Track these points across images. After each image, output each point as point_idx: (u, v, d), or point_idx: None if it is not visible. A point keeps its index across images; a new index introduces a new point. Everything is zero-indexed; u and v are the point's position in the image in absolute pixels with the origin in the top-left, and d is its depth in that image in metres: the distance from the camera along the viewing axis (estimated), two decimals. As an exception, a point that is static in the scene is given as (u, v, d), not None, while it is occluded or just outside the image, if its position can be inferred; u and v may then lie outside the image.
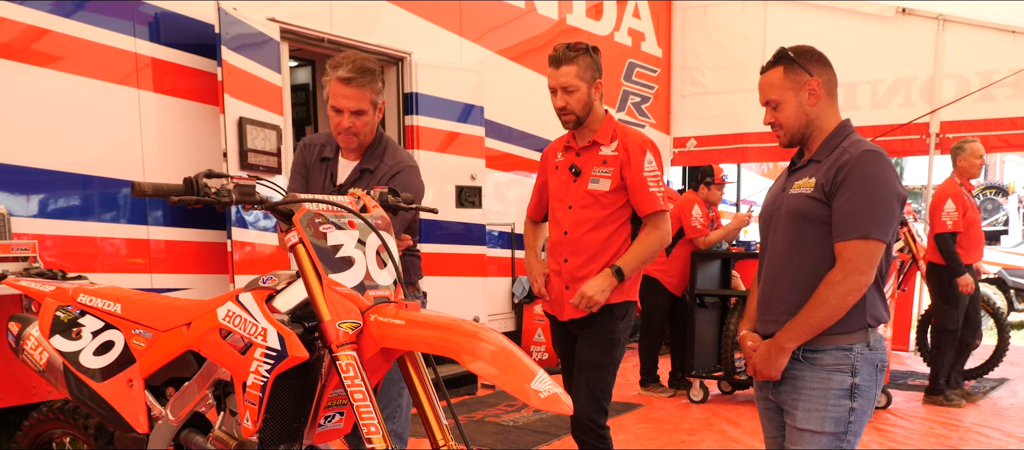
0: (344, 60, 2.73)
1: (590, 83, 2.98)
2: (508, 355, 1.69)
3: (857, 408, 2.29)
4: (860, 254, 2.20)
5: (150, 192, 1.82)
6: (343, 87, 2.71)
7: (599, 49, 3.04)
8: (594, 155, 3.08)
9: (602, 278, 3.01)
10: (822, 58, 2.34)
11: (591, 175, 3.06)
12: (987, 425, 5.25)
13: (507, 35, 7.25)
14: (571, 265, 3.10)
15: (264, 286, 2.00)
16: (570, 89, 2.96)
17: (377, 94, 2.79)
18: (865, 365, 2.29)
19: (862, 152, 2.22)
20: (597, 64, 3.00)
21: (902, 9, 8.19)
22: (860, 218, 2.19)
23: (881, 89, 8.42)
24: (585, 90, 2.97)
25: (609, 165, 3.04)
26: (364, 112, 2.76)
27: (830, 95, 2.35)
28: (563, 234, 3.12)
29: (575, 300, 3.03)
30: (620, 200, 3.06)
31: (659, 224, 3.06)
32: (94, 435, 2.56)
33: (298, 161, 3.01)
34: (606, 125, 3.08)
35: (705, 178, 6.14)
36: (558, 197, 3.17)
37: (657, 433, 5.08)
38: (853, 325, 2.27)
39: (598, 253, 3.06)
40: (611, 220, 3.06)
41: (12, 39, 3.99)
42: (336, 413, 2.06)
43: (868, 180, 2.20)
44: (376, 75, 2.76)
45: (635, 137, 3.08)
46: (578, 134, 3.12)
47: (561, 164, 3.17)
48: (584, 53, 2.96)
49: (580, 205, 3.08)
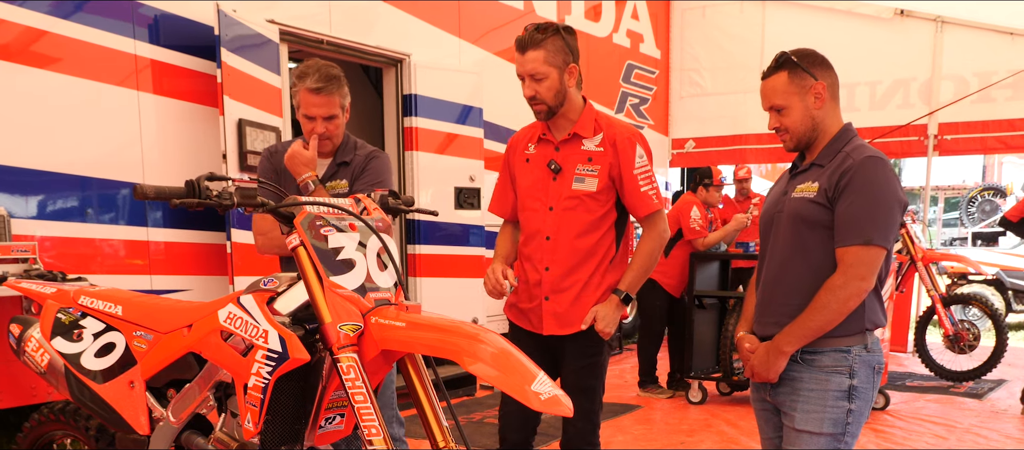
0: (310, 69, 2.81)
1: (561, 68, 2.67)
2: (508, 357, 1.70)
3: (855, 409, 2.31)
4: (862, 260, 2.21)
5: (152, 195, 1.83)
6: (313, 96, 2.80)
7: (573, 30, 2.72)
8: (576, 150, 2.76)
9: (613, 308, 2.75)
10: (825, 61, 2.35)
11: (575, 173, 2.75)
12: (985, 426, 5.26)
13: (506, 36, 7.25)
14: (553, 275, 2.78)
15: (265, 288, 2.01)
16: (538, 76, 2.65)
17: (344, 98, 2.89)
18: (863, 367, 2.31)
19: (865, 158, 2.23)
20: (570, 46, 2.68)
21: (900, 11, 8.20)
22: (862, 224, 2.20)
23: (879, 90, 8.43)
24: (556, 76, 2.66)
25: (595, 162, 2.73)
26: (335, 116, 2.86)
27: (833, 98, 2.36)
28: (545, 239, 2.78)
29: (587, 321, 2.74)
30: (608, 202, 2.77)
31: (655, 225, 2.80)
32: (95, 437, 2.57)
33: (266, 168, 3.00)
34: (586, 115, 2.77)
35: (704, 180, 6.15)
36: (534, 196, 2.82)
37: (656, 434, 5.09)
38: (852, 329, 2.29)
39: (583, 261, 2.77)
40: (599, 224, 2.77)
41: (11, 40, 3.99)
42: (337, 415, 2.07)
43: (871, 186, 2.21)
44: (342, 81, 2.86)
45: (622, 130, 2.77)
46: (554, 125, 2.79)
47: (534, 157, 2.83)
48: (553, 35, 2.64)
49: (563, 207, 2.76)
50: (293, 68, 2.85)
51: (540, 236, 2.80)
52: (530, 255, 2.84)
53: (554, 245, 2.78)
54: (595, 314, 2.75)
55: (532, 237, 2.83)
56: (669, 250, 5.94)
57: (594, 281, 2.79)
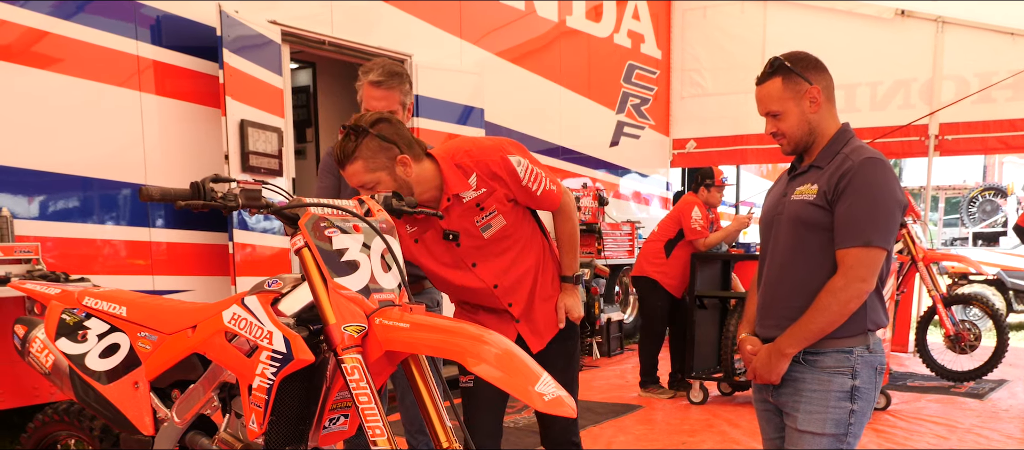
0: (374, 65, 2.97)
1: (388, 169, 2.41)
2: (512, 358, 1.71)
3: (857, 410, 2.32)
4: (862, 261, 2.21)
5: (157, 196, 1.84)
6: (375, 90, 2.93)
7: (388, 117, 2.44)
8: (460, 209, 2.56)
9: (574, 294, 2.75)
10: (818, 63, 2.35)
11: (479, 225, 2.58)
12: (986, 426, 5.26)
13: (507, 37, 7.27)
14: (517, 308, 2.69)
15: (269, 289, 2.01)
16: (368, 186, 2.42)
17: (405, 95, 3.01)
18: (865, 368, 2.31)
19: (864, 160, 2.23)
20: (388, 138, 2.39)
21: (901, 11, 8.21)
22: (862, 226, 2.21)
23: (880, 91, 8.44)
24: (387, 181, 2.42)
25: (487, 206, 2.56)
26: (394, 112, 2.95)
27: (829, 100, 2.36)
28: (494, 288, 2.65)
29: (561, 319, 2.74)
30: (522, 216, 2.66)
31: (562, 209, 2.69)
32: (99, 437, 2.58)
33: (329, 163, 3.12)
34: (449, 177, 2.51)
35: (705, 180, 6.15)
36: (450, 265, 2.64)
37: (657, 434, 5.09)
38: (854, 330, 2.29)
39: (534, 279, 2.70)
40: (527, 241, 2.68)
41: (13, 41, 4.00)
42: (341, 415, 2.08)
43: (870, 188, 2.21)
44: (404, 77, 2.99)
45: (491, 154, 2.54)
46: (426, 203, 2.53)
47: (425, 237, 2.62)
48: (365, 138, 2.37)
49: (490, 253, 2.62)
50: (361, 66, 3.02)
51: (487, 288, 2.66)
52: (483, 302, 2.71)
53: (505, 287, 2.67)
54: (564, 307, 2.76)
55: (479, 292, 2.69)
56: (670, 250, 5.95)
57: (544, 288, 2.73)
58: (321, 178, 3.16)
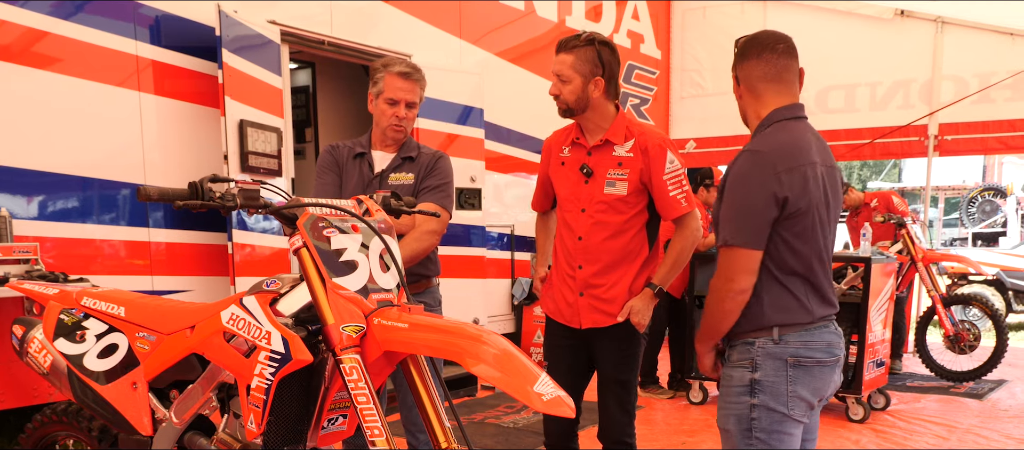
0: (396, 60, 3.10)
1: (587, 77, 2.80)
2: (511, 358, 1.71)
3: (759, 404, 2.22)
4: (725, 261, 2.25)
5: (156, 196, 1.83)
6: (402, 81, 3.03)
7: (613, 46, 2.85)
8: (607, 155, 2.87)
9: (647, 301, 2.88)
10: (745, 51, 2.29)
11: (606, 178, 2.86)
12: (985, 427, 5.26)
13: (507, 37, 7.26)
14: (586, 273, 2.91)
15: (268, 289, 2.01)
16: (564, 78, 2.82)
17: (423, 91, 3.13)
18: (768, 360, 2.22)
19: (737, 155, 2.23)
20: (602, 59, 2.80)
21: (900, 11, 8.20)
22: (723, 225, 2.24)
23: (880, 91, 8.43)
24: (579, 83, 2.80)
25: (625, 167, 2.84)
26: (414, 105, 3.08)
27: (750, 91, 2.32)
28: (577, 239, 2.91)
29: (623, 314, 2.88)
30: (638, 204, 2.87)
31: (686, 224, 2.90)
32: (97, 437, 2.57)
33: (329, 160, 3.16)
34: (618, 123, 2.87)
35: (704, 180, 6.15)
36: (568, 198, 2.96)
37: (657, 434, 5.09)
38: (749, 326, 2.26)
39: (616, 261, 2.89)
40: (629, 226, 2.88)
41: (12, 41, 4.00)
42: (339, 415, 2.08)
43: (729, 187, 2.23)
44: (423, 75, 3.11)
45: (653, 137, 2.86)
46: (587, 130, 2.92)
47: (569, 160, 2.96)
48: (586, 45, 2.80)
49: (595, 209, 2.88)
50: (378, 61, 3.13)
51: (573, 235, 2.94)
52: (565, 251, 2.98)
53: (586, 245, 2.91)
54: (630, 308, 2.88)
55: (567, 235, 2.97)
56: (670, 251, 5.95)
57: (626, 279, 2.91)
58: (320, 176, 3.15)
